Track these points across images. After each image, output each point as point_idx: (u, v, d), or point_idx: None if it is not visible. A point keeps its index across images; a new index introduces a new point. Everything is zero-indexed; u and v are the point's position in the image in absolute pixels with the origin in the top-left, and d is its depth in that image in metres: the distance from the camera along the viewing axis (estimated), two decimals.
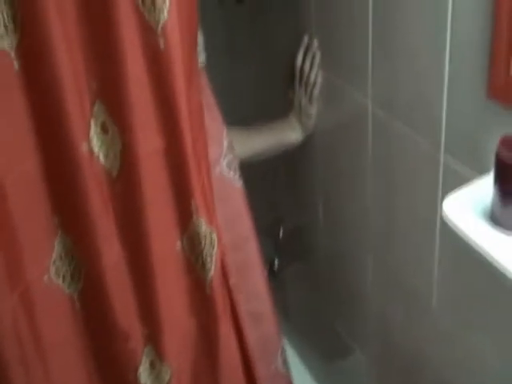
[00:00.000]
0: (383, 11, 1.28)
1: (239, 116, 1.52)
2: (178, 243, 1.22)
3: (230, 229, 1.37)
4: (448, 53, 1.12)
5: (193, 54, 1.14)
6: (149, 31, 1.05)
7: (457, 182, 1.11)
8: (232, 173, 1.41)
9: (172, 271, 1.24)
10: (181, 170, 1.15)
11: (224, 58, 1.89)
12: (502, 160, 0.92)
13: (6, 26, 1.03)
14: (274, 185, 2.03)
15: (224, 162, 1.39)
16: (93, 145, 1.12)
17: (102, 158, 1.14)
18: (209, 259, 1.24)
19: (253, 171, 1.48)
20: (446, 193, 1.05)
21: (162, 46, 1.05)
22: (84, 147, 1.10)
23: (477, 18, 1.04)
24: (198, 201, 1.18)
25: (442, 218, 1.02)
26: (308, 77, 1.58)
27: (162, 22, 1.03)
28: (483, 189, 1.01)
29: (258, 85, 1.90)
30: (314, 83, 1.58)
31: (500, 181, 0.94)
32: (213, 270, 1.24)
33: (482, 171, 1.07)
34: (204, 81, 1.37)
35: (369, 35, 1.33)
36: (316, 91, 1.58)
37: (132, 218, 1.19)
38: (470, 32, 1.07)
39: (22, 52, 1.05)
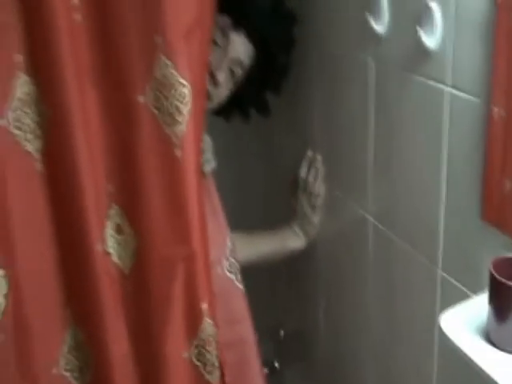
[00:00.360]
0: (384, 132, 1.36)
1: (245, 221, 1.59)
2: (187, 352, 1.24)
3: (229, 329, 1.40)
4: (445, 174, 1.19)
5: (200, 161, 1.22)
6: (167, 142, 1.13)
7: (454, 296, 1.16)
8: (233, 276, 1.46)
9: (179, 378, 1.25)
10: (193, 277, 1.19)
11: (233, 167, 1.97)
12: (495, 281, 0.97)
13: (33, 131, 1.12)
14: (276, 288, 2.07)
15: (226, 265, 1.44)
16: (107, 245, 1.18)
17: (115, 257, 1.20)
18: (216, 363, 1.26)
19: (255, 274, 1.53)
20: (444, 306, 1.09)
21: (179, 155, 1.14)
22: (98, 247, 1.16)
23: (471, 142, 1.12)
24: (207, 305, 1.21)
25: (440, 330, 1.06)
26: (312, 187, 1.65)
27: (179, 134, 1.13)
28: (479, 305, 1.06)
29: (264, 193, 1.97)
30: (318, 194, 1.65)
31: (494, 300, 0.99)
32: (217, 374, 1.27)
33: (478, 288, 1.12)
34: (212, 186, 1.45)
35: (368, 153, 1.41)
36: (319, 201, 1.66)
37: (141, 317, 1.23)
38: (465, 155, 1.14)
39: (45, 155, 1.13)
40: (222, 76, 1.44)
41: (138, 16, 1.10)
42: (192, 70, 1.12)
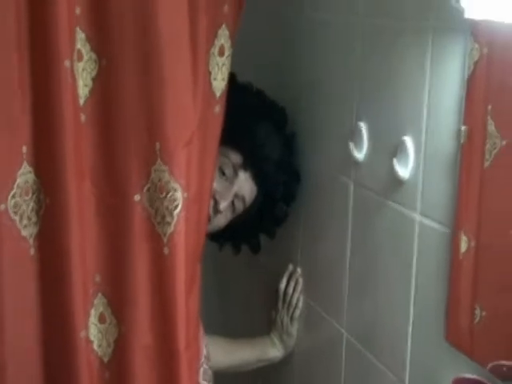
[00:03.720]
0: (359, 251, 1.45)
1: (225, 329, 1.64)
2: None
3: None
4: (413, 296, 1.26)
5: (196, 262, 1.29)
6: (157, 240, 1.21)
7: None
8: (205, 383, 1.50)
9: None
10: (170, 369, 1.24)
11: (216, 275, 2.04)
12: None
13: (29, 218, 1.19)
14: None
15: (201, 370, 1.49)
16: (89, 333, 1.24)
17: (95, 345, 1.25)
18: None
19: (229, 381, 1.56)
20: None
21: (166, 253, 1.21)
22: (82, 334, 1.22)
23: (438, 268, 1.19)
24: None
25: None
26: (291, 299, 1.71)
27: (168, 233, 1.21)
28: None
29: (245, 302, 2.02)
30: (296, 305, 1.71)
31: None
32: None
33: None
34: None
35: (345, 270, 1.48)
36: (297, 313, 1.71)
37: None
38: (432, 280, 1.21)
39: (39, 241, 1.20)
40: (224, 205, 1.54)
41: (141, 123, 1.20)
42: (188, 177, 1.22)
